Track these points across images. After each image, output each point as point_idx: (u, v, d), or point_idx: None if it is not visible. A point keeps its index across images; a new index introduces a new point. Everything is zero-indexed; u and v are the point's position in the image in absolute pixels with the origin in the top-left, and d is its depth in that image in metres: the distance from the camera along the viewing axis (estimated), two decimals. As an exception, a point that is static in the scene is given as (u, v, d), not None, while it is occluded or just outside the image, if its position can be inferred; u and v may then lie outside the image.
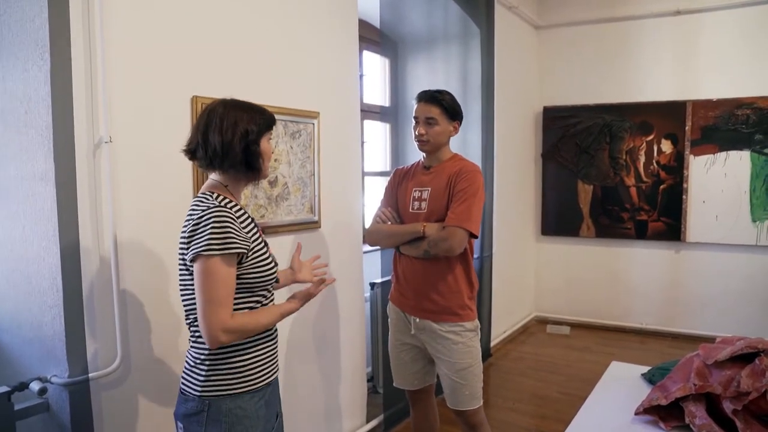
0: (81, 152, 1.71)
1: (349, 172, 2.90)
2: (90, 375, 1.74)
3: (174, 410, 1.52)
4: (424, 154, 2.31)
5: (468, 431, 2.33)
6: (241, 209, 1.51)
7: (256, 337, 1.51)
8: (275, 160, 2.37)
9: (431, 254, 2.15)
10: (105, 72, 1.75)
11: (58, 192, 1.65)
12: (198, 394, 1.45)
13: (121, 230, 1.83)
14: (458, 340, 2.21)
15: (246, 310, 1.48)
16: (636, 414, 3.25)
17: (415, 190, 2.28)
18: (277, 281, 1.59)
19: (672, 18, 4.80)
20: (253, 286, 1.49)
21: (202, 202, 1.44)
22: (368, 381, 3.26)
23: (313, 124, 2.57)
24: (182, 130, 2.00)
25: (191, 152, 1.50)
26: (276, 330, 1.60)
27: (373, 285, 3.23)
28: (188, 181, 2.03)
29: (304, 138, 2.53)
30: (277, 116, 2.36)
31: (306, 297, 1.63)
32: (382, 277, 3.22)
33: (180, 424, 1.49)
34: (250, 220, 1.53)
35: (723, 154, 4.67)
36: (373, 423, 3.13)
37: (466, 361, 2.22)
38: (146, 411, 1.93)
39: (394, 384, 2.44)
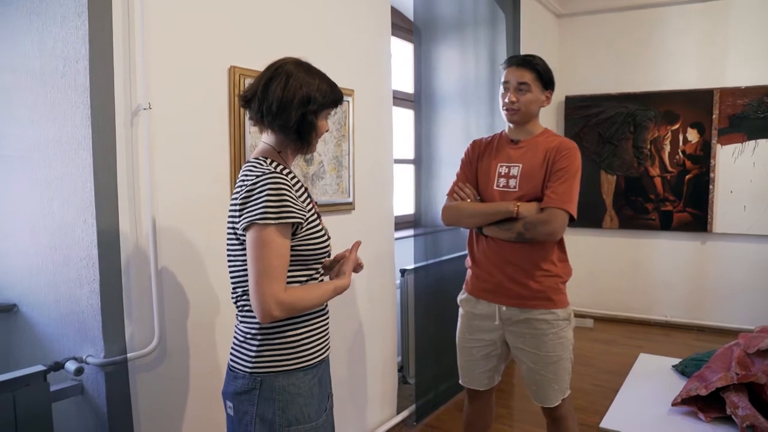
0: (119, 118, 1.61)
1: (381, 155, 2.80)
2: (129, 354, 1.63)
3: (222, 389, 1.42)
4: (510, 126, 2.10)
5: (551, 424, 2.16)
6: (295, 177, 1.42)
7: (310, 315, 1.42)
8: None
9: (525, 238, 1.94)
10: (144, 36, 1.66)
11: (95, 159, 1.56)
12: (249, 370, 1.36)
13: (158, 203, 1.73)
14: (549, 330, 2.00)
15: (299, 284, 1.39)
16: (673, 405, 3.18)
17: (501, 166, 2.05)
18: (329, 256, 1.50)
19: (698, 4, 4.70)
20: (307, 259, 1.40)
21: (255, 167, 1.34)
22: (398, 371, 3.15)
23: (348, 101, 2.47)
24: (219, 100, 1.91)
25: (247, 101, 1.40)
26: (327, 306, 1.50)
27: (403, 272, 3.13)
28: (225, 153, 1.93)
29: (340, 116, 2.43)
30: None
31: (351, 269, 1.52)
32: (415, 263, 3.12)
33: (229, 403, 1.40)
34: (304, 189, 1.43)
35: (752, 142, 4.56)
36: (404, 414, 3.02)
37: (556, 353, 2.02)
38: (184, 394, 1.83)
39: (460, 382, 2.23)
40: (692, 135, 4.79)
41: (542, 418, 2.13)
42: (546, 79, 2.02)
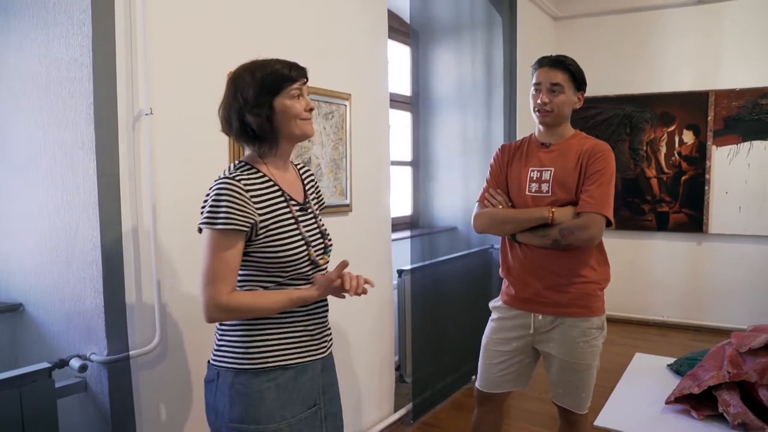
0: (122, 123, 1.66)
1: (378, 158, 2.85)
2: (131, 352, 1.69)
3: None
4: (540, 128, 2.04)
5: (567, 426, 2.12)
6: (268, 180, 1.39)
7: (268, 318, 1.39)
8: (309, 141, 2.32)
9: (562, 244, 1.89)
10: (146, 43, 1.71)
11: (98, 162, 1.61)
12: (212, 362, 1.43)
13: (159, 205, 1.78)
14: (581, 338, 1.95)
15: (251, 290, 1.38)
16: (667, 403, 3.24)
17: (533, 170, 2.00)
18: (314, 265, 1.44)
19: (694, 7, 4.75)
20: (269, 266, 1.37)
21: (224, 172, 1.39)
22: (395, 370, 3.20)
23: (345, 105, 2.52)
24: (219, 105, 1.95)
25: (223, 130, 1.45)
26: (305, 315, 1.44)
27: (400, 272, 3.17)
28: (224, 157, 1.98)
29: (336, 119, 2.48)
30: (310, 96, 2.33)
31: (328, 288, 1.41)
32: (412, 264, 3.17)
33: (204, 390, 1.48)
34: (278, 194, 1.40)
35: (747, 144, 4.61)
36: (401, 412, 3.07)
37: (586, 362, 1.97)
38: (184, 390, 1.88)
39: (477, 385, 2.18)
40: (688, 136, 4.83)
41: (539, 415, 2.13)
42: (579, 80, 1.98)
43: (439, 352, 3.26)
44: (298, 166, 1.58)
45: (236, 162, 1.42)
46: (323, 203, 1.63)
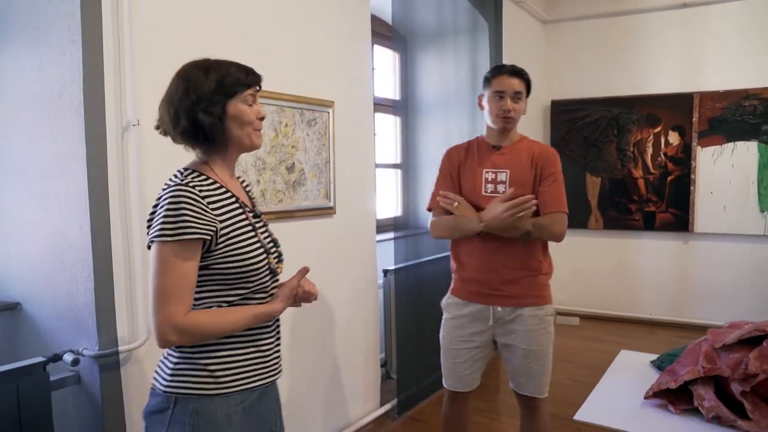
0: (111, 134, 1.79)
1: (362, 161, 2.97)
2: (120, 348, 1.81)
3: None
4: (492, 132, 2.16)
5: (531, 419, 2.22)
6: (220, 187, 1.29)
7: (231, 338, 1.28)
8: (292, 147, 2.44)
9: (532, 237, 2.04)
10: (132, 58, 1.83)
11: (89, 171, 1.73)
12: (163, 389, 1.26)
13: (146, 210, 1.89)
14: (539, 325, 2.10)
15: (208, 309, 1.26)
16: (645, 398, 3.34)
17: (488, 172, 2.12)
18: (272, 274, 1.35)
19: (679, 11, 4.84)
20: (231, 279, 1.26)
21: (170, 180, 1.26)
22: (382, 366, 3.32)
23: (328, 112, 2.64)
24: (204, 115, 2.07)
25: (156, 126, 1.35)
26: (271, 331, 1.37)
27: (386, 272, 3.29)
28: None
29: (320, 126, 2.59)
30: (293, 104, 2.44)
31: (291, 296, 1.36)
32: (395, 264, 3.29)
33: (144, 423, 1.30)
34: (233, 200, 1.30)
35: (730, 145, 4.70)
36: (387, 407, 3.19)
37: (545, 347, 2.12)
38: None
39: (445, 385, 2.26)
40: (673, 137, 4.93)
41: (510, 405, 2.23)
42: (529, 89, 2.15)
43: (424, 350, 3.37)
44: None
45: (181, 169, 1.30)
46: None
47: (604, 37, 5.17)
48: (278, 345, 1.40)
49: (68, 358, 1.74)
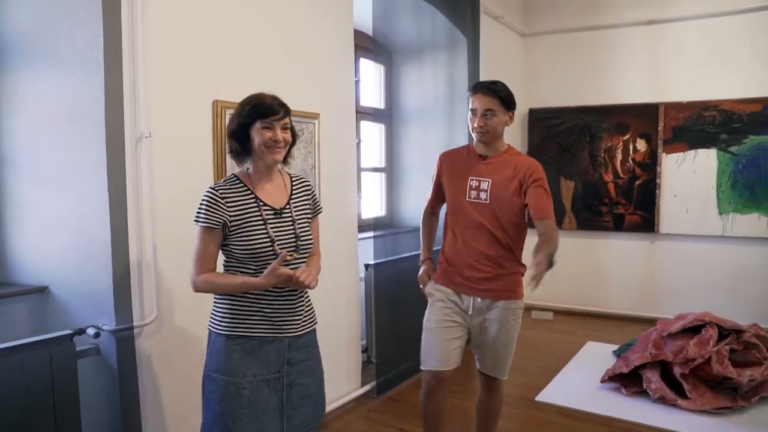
0: (128, 145, 2.13)
1: (345, 166, 3.31)
2: (134, 324, 2.15)
3: None
4: (480, 144, 2.35)
5: (491, 396, 2.50)
6: (246, 189, 1.78)
7: (241, 297, 1.77)
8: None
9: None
10: (146, 81, 2.18)
11: (109, 176, 2.08)
12: (208, 324, 1.87)
13: (157, 208, 2.25)
14: (511, 317, 2.34)
15: (218, 272, 1.79)
16: (602, 382, 3.72)
17: (473, 180, 2.32)
18: (273, 258, 1.74)
19: (646, 27, 5.20)
20: (240, 257, 1.76)
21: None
22: (363, 352, 3.66)
23: (314, 123, 2.99)
24: (206, 128, 2.43)
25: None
26: (278, 300, 1.79)
27: (367, 266, 3.64)
28: (209, 170, 2.45)
29: (306, 136, 2.94)
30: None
31: (272, 276, 1.69)
32: (375, 259, 3.64)
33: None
34: (251, 199, 1.77)
35: (692, 152, 5.07)
36: (367, 387, 3.54)
37: (513, 336, 2.37)
38: (178, 355, 2.35)
39: (429, 367, 2.40)
40: (641, 144, 5.29)
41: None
42: (508, 102, 2.27)
43: (401, 337, 3.71)
44: (294, 178, 1.95)
45: (229, 174, 1.85)
46: (319, 209, 2.00)
47: (579, 50, 5.52)
48: (286, 311, 1.82)
49: (91, 331, 2.09)
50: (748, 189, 4.88)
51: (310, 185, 2.00)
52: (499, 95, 2.25)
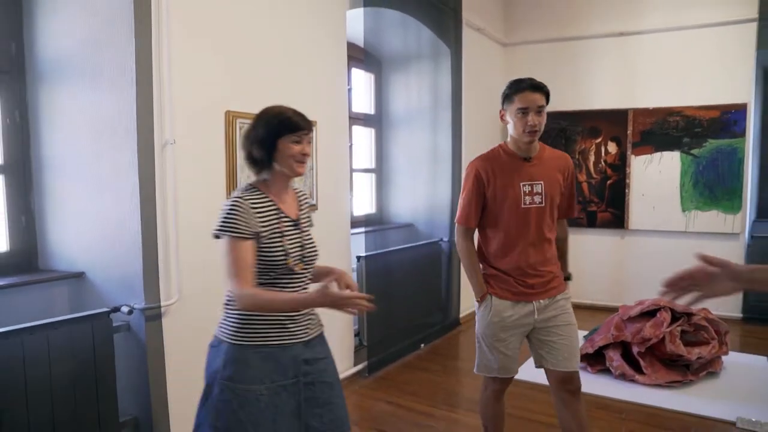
0: (156, 151, 2.49)
1: (339, 168, 3.69)
2: (161, 303, 2.51)
3: None
4: (512, 143, 2.26)
5: (571, 396, 2.30)
6: (269, 200, 1.73)
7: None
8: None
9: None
10: (171, 95, 2.54)
11: (140, 176, 2.43)
12: (217, 332, 1.80)
13: (180, 205, 2.61)
14: (567, 305, 2.34)
15: (269, 289, 1.72)
16: (570, 362, 4.10)
17: (525, 185, 2.20)
18: (291, 270, 1.74)
19: (616, 38, 5.62)
20: (262, 267, 1.71)
21: (234, 193, 1.73)
22: (355, 336, 4.04)
23: (313, 130, 3.35)
24: (219, 135, 2.80)
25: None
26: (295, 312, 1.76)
27: (359, 258, 4.01)
28: (223, 173, 2.82)
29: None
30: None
31: (325, 297, 1.61)
32: (366, 252, 4.02)
33: (209, 350, 1.83)
34: (275, 211, 1.73)
35: (658, 154, 5.50)
36: (359, 367, 3.92)
37: (575, 323, 2.35)
38: (196, 331, 2.68)
39: (498, 375, 2.34)
40: (612, 147, 5.72)
41: (463, 374, 2.71)
42: (548, 99, 2.21)
43: (391, 323, 4.10)
44: (296, 190, 1.92)
45: (246, 185, 1.78)
46: (311, 221, 1.94)
47: (555, 59, 5.92)
48: (299, 316, 1.78)
49: (125, 309, 2.44)
50: (708, 188, 5.32)
51: (308, 197, 2.02)
52: (544, 91, 2.18)
